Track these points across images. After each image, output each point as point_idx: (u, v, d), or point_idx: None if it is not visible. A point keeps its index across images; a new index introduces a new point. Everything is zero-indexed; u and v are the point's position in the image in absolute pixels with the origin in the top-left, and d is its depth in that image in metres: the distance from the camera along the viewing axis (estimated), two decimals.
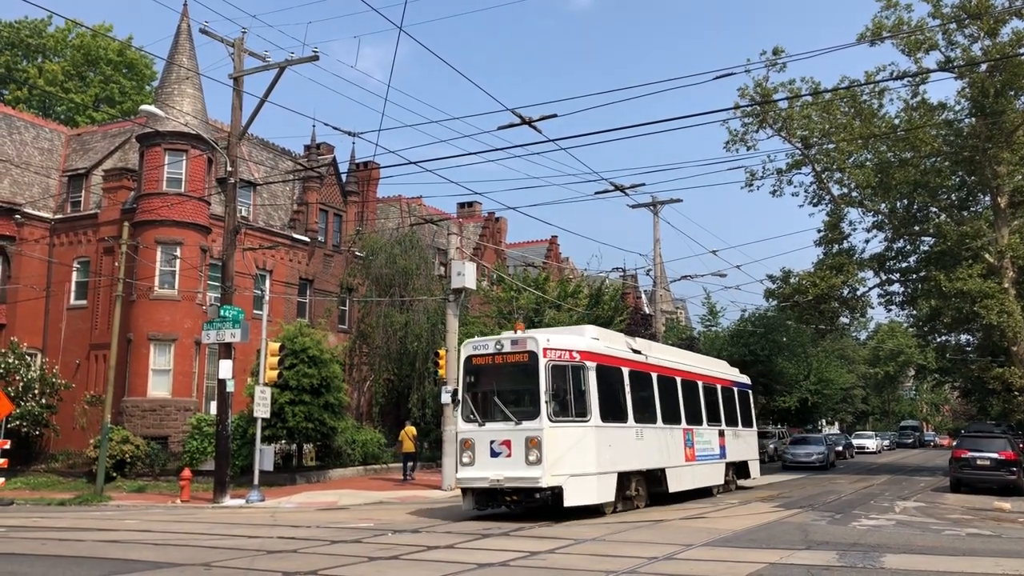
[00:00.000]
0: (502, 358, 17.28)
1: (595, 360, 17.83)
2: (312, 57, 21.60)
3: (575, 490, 16.66)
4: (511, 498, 17.05)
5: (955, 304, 34.63)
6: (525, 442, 16.42)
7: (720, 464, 24.54)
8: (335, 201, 40.60)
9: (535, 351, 16.86)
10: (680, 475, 21.24)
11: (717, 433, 24.47)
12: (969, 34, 33.61)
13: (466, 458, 17.15)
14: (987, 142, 33.03)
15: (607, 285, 40.29)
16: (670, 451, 20.82)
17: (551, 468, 16.31)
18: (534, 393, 16.79)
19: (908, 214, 38.64)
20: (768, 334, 48.35)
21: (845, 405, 73.35)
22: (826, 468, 39.26)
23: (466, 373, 17.92)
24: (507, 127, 17.74)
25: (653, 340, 38.21)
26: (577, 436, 16.88)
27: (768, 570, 11.05)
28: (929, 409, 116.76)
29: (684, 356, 25.05)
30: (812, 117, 36.19)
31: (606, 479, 17.59)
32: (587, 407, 17.22)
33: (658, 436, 20.37)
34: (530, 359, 16.87)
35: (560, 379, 16.95)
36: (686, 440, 21.88)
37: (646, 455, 19.65)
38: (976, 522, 18.00)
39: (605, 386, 18.05)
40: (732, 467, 25.81)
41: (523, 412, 16.92)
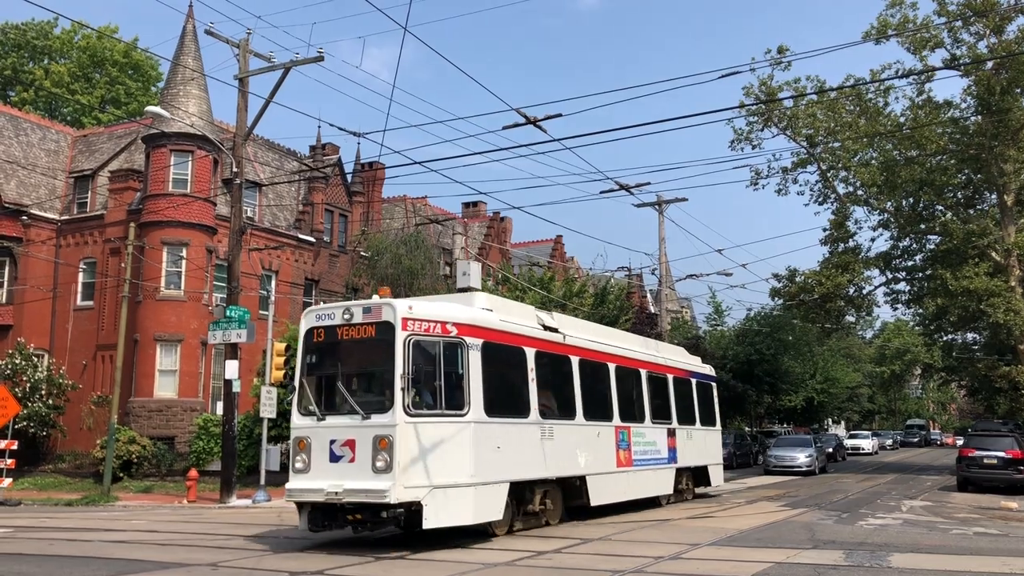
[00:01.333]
0: (351, 331, 13.54)
1: (481, 336, 14.05)
2: (317, 58, 21.63)
3: (440, 507, 12.81)
4: (354, 516, 12.94)
5: (961, 302, 34.52)
6: (373, 442, 12.60)
7: (668, 469, 20.76)
8: (340, 201, 40.64)
9: (391, 322, 13.07)
10: (608, 484, 17.62)
11: (665, 432, 20.72)
12: (975, 31, 33.52)
13: (299, 462, 13.33)
14: (993, 140, 32.92)
15: (612, 284, 40.26)
16: (594, 454, 17.17)
17: (405, 477, 12.45)
18: (388, 378, 13.01)
19: (914, 212, 38.54)
20: (774, 333, 48.27)
21: (851, 404, 73.20)
22: (815, 474, 34.79)
23: (306, 352, 14.12)
24: (512, 127, 17.73)
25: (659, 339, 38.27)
26: (446, 435, 13.08)
27: (775, 569, 11.05)
28: (936, 408, 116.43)
29: (625, 339, 21.18)
30: (817, 115, 36.12)
31: (490, 491, 13.71)
32: (464, 397, 13.41)
33: (576, 435, 16.65)
34: (384, 332, 13.12)
35: (425, 359, 13.19)
36: (619, 441, 18.19)
37: (557, 459, 15.84)
38: (983, 521, 17.96)
39: (496, 370, 14.41)
40: (687, 473, 22.18)
41: (373, 403, 13.21)
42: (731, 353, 47.12)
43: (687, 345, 41.10)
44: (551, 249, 55.89)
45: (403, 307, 13.30)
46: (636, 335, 24.44)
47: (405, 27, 13.88)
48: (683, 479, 21.84)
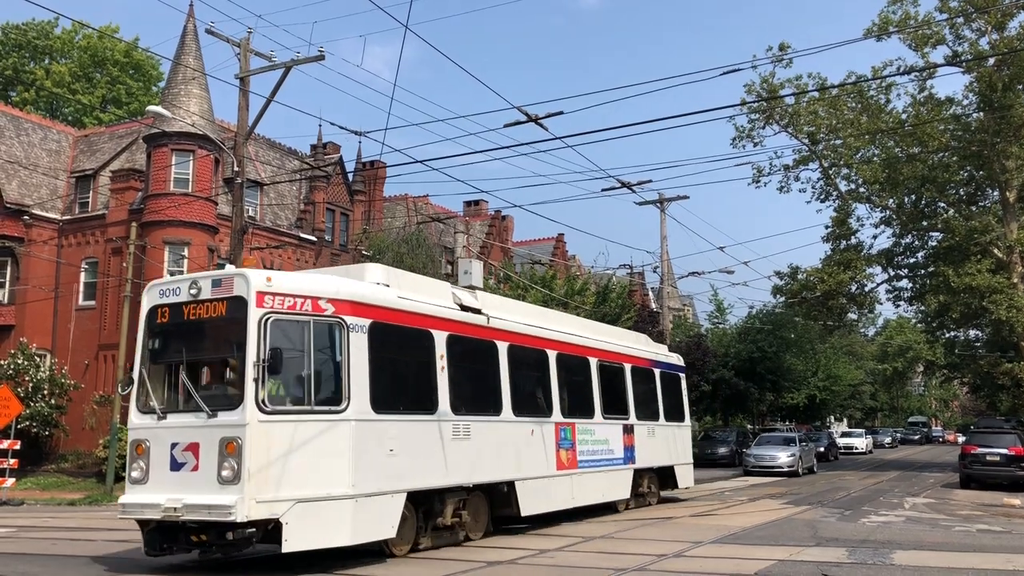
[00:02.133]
0: (198, 309, 11.08)
1: (369, 315, 11.66)
2: (318, 57, 21.61)
3: (307, 525, 10.55)
4: (198, 537, 10.61)
5: (964, 299, 34.49)
6: (219, 446, 10.34)
7: (624, 471, 18.41)
8: (342, 200, 40.65)
9: (244, 297, 10.73)
10: (546, 489, 15.36)
11: (621, 429, 18.37)
12: (976, 28, 33.48)
13: (136, 471, 11.08)
14: (995, 137, 32.88)
15: (614, 282, 40.25)
16: (527, 455, 14.81)
17: (257, 489, 10.18)
18: (239, 366, 10.76)
19: (916, 209, 38.50)
20: (776, 331, 48.24)
21: (853, 401, 73.14)
22: (798, 475, 32.16)
23: (148, 335, 11.69)
24: (513, 124, 17.71)
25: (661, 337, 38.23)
26: (317, 436, 10.83)
27: (777, 567, 11.04)
28: (938, 405, 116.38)
29: (573, 324, 18.81)
30: (819, 113, 36.08)
31: (378, 504, 11.35)
32: (342, 389, 11.12)
33: (502, 434, 14.28)
34: (236, 310, 10.77)
35: (290, 343, 10.89)
36: (561, 439, 15.95)
37: (476, 463, 13.41)
38: (986, 518, 17.95)
39: (391, 357, 12.21)
40: (649, 474, 19.91)
41: (221, 398, 10.90)
42: (733, 351, 47.09)
43: (689, 343, 41.12)
44: (553, 247, 55.90)
45: (259, 278, 10.94)
46: (588, 320, 21.71)
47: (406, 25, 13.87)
48: (644, 481, 19.55)
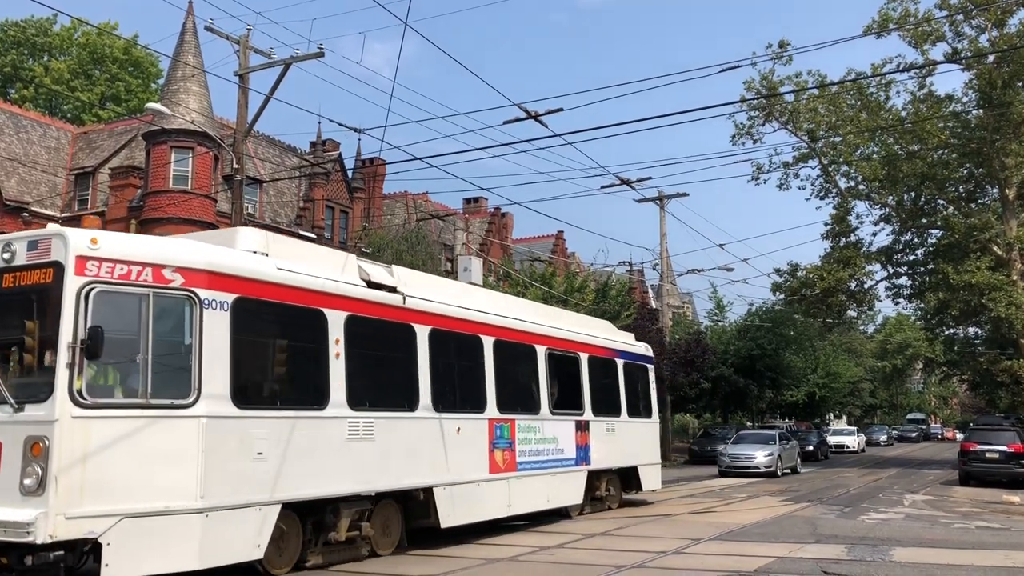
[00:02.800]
0: (12, 278, 8.96)
1: (233, 289, 9.56)
2: (317, 54, 21.60)
3: (138, 547, 8.45)
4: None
5: (963, 297, 34.50)
6: (24, 448, 8.27)
7: (577, 473, 16.31)
8: (341, 197, 40.64)
9: (61, 262, 8.62)
10: (475, 496, 13.12)
11: (573, 426, 16.26)
12: (976, 25, 33.47)
13: None
14: (995, 134, 32.89)
15: (614, 280, 40.27)
16: (449, 457, 12.51)
17: (68, 501, 8.12)
18: (51, 347, 8.55)
19: (915, 207, 38.52)
20: (775, 328, 48.25)
21: (853, 399, 73.17)
22: (776, 476, 29.40)
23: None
24: (513, 121, 17.72)
25: (660, 335, 38.23)
26: (151, 435, 8.74)
27: (777, 564, 11.05)
28: (937, 402, 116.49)
29: (516, 306, 16.55)
30: (819, 110, 36.08)
31: (239, 519, 9.30)
32: (190, 379, 9.06)
33: (418, 432, 12.03)
34: (51, 279, 8.65)
35: (121, 320, 8.85)
36: (496, 438, 13.81)
37: (380, 466, 11.23)
38: (985, 515, 17.97)
39: (265, 341, 10.28)
40: (608, 476, 17.82)
41: (31, 387, 8.61)
42: (733, 348, 47.10)
43: (689, 340, 41.12)
44: (552, 245, 55.94)
45: (80, 240, 8.70)
46: (539, 304, 19.99)
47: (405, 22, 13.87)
48: (602, 484, 17.60)
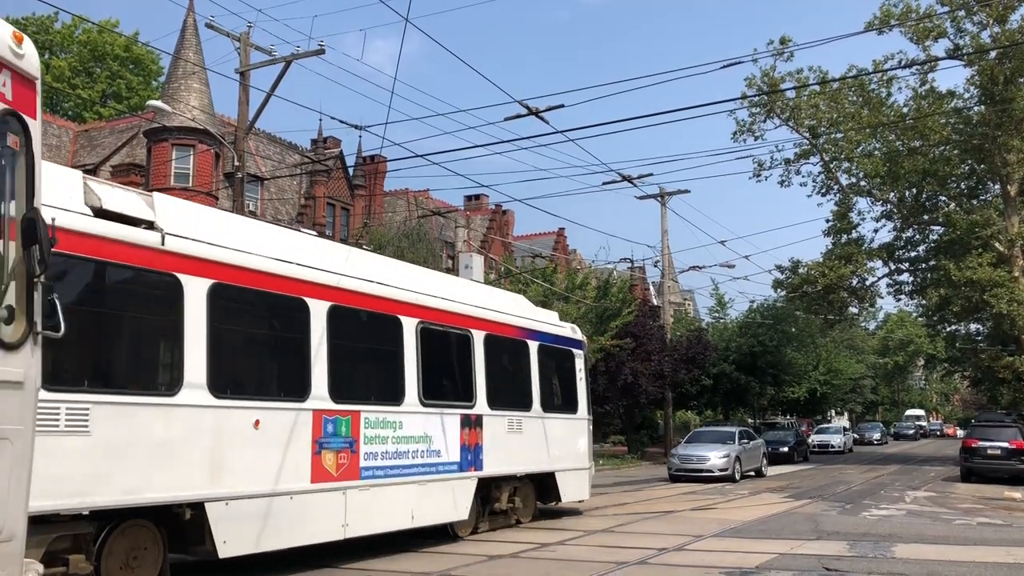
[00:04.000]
0: None
1: None
2: (318, 51, 21.60)
3: None
4: None
5: (965, 293, 34.46)
6: None
7: (461, 481, 12.84)
8: (342, 195, 40.63)
9: None
10: (278, 515, 9.73)
11: (457, 422, 12.85)
12: (978, 21, 33.39)
13: None
14: (996, 130, 32.84)
15: (615, 277, 40.26)
16: (234, 460, 9.25)
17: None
18: None
19: (917, 203, 38.48)
20: (777, 325, 48.26)
21: (854, 395, 73.18)
22: (734, 480, 26.03)
23: None
24: (514, 118, 17.73)
25: (661, 332, 38.19)
26: None
27: (778, 560, 11.06)
28: (939, 399, 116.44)
29: (378, 265, 12.94)
30: (820, 106, 36.03)
31: None
32: None
33: (176, 426, 8.72)
34: None
35: None
36: (325, 436, 10.48)
37: (101, 474, 7.91)
38: (987, 511, 17.96)
39: None
40: (512, 485, 14.45)
41: None
42: (734, 345, 47.12)
43: (690, 337, 41.08)
44: (554, 242, 55.90)
45: None
46: (415, 266, 15.23)
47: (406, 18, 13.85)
48: (503, 494, 14.20)
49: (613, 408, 38.68)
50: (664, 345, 36.67)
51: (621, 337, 32.20)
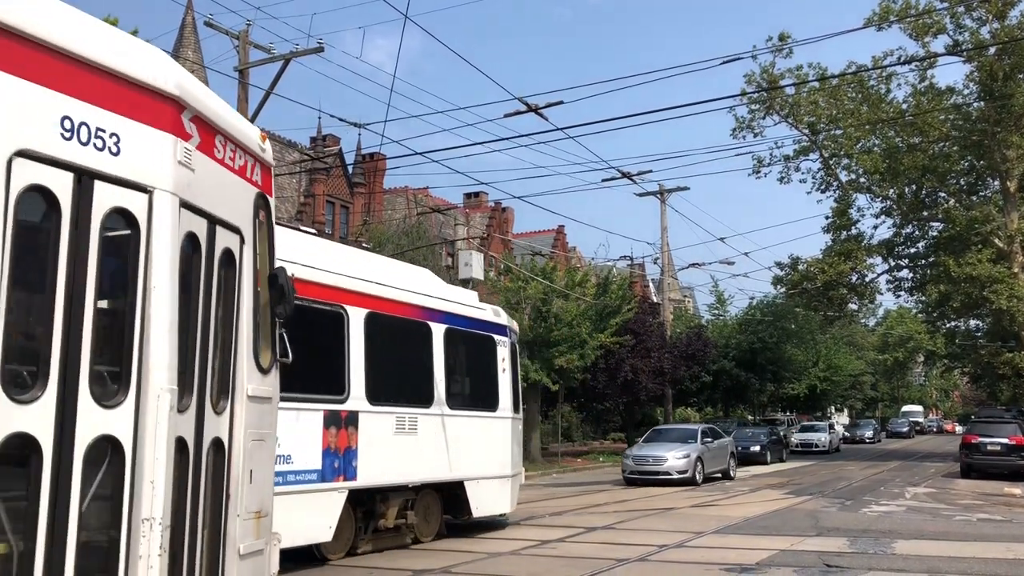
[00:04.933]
0: None
1: None
2: (317, 49, 21.58)
3: None
4: None
5: (964, 289, 34.47)
6: None
7: (319, 495, 10.35)
8: (342, 193, 40.63)
9: None
10: None
11: (319, 420, 10.42)
12: (977, 17, 33.39)
13: None
14: (996, 126, 32.82)
15: (615, 274, 40.28)
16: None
17: None
18: None
19: (917, 199, 38.47)
20: (776, 321, 48.27)
21: (854, 392, 73.23)
22: (696, 483, 23.51)
23: None
24: (513, 115, 17.74)
25: (661, 329, 38.16)
26: None
27: (779, 556, 11.07)
28: (939, 395, 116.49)
29: None
30: (819, 103, 36.02)
31: None
32: None
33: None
34: None
35: None
36: None
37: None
38: (987, 507, 17.99)
39: None
40: (405, 497, 12.09)
41: None
42: (734, 342, 47.11)
43: (690, 334, 41.08)
44: (553, 239, 55.85)
45: None
46: None
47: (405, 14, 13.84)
48: (390, 509, 11.75)
49: (613, 405, 38.71)
50: (664, 342, 36.68)
51: (621, 334, 32.21)
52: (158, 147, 4.44)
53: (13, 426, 3.70)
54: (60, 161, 3.96)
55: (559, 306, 34.68)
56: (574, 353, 29.92)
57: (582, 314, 31.29)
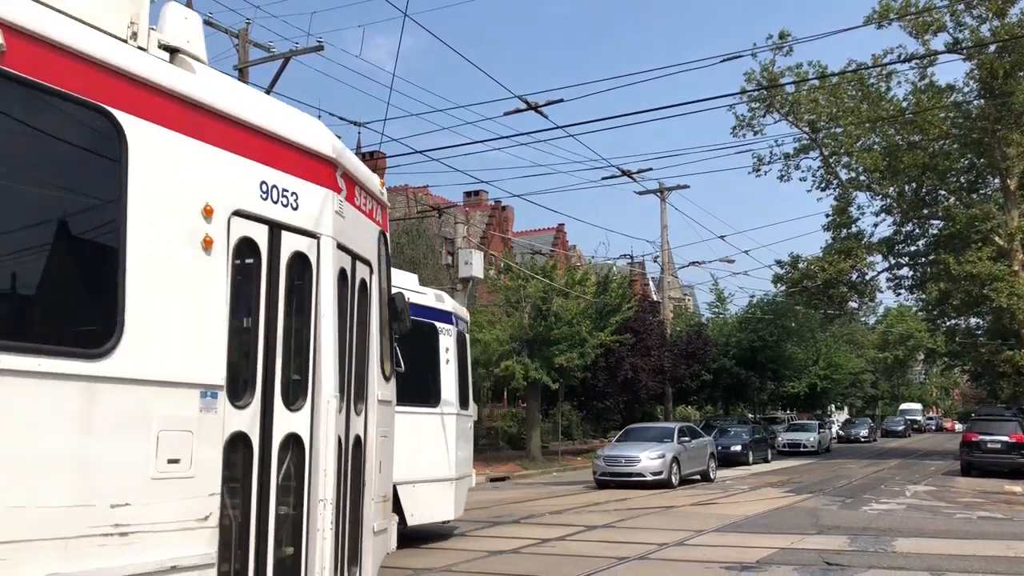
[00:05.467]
0: None
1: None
2: (317, 47, 21.59)
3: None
4: None
5: (964, 287, 34.45)
6: None
7: None
8: None
9: None
10: None
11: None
12: (977, 15, 33.33)
13: None
14: (996, 124, 32.79)
15: (615, 272, 40.27)
16: None
17: None
18: None
19: (917, 197, 38.45)
20: (776, 319, 48.25)
21: (854, 390, 73.21)
22: (671, 486, 22.14)
23: None
24: (513, 112, 17.73)
25: (661, 327, 38.11)
26: None
27: (779, 555, 11.07)
28: (939, 393, 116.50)
29: None
30: (819, 101, 35.98)
31: None
32: None
33: None
34: None
35: None
36: None
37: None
38: (987, 505, 17.98)
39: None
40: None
41: None
42: (734, 340, 47.10)
43: (690, 332, 41.06)
44: (553, 237, 55.82)
45: None
46: None
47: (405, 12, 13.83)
48: None
49: (613, 403, 38.69)
50: (664, 340, 36.67)
51: (621, 333, 32.20)
52: (321, 201, 5.57)
53: (233, 425, 4.85)
54: (261, 217, 5.12)
55: (559, 304, 34.70)
56: (574, 352, 29.90)
57: (582, 313, 31.27)
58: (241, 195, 4.98)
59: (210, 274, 4.78)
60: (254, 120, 5.19)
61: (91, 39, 4.34)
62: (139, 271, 4.40)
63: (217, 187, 4.86)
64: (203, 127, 4.81)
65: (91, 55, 4.30)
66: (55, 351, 4.03)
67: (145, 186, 4.46)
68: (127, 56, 4.54)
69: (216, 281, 4.80)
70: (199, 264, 4.73)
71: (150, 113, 4.53)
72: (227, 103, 5.03)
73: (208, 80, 5.07)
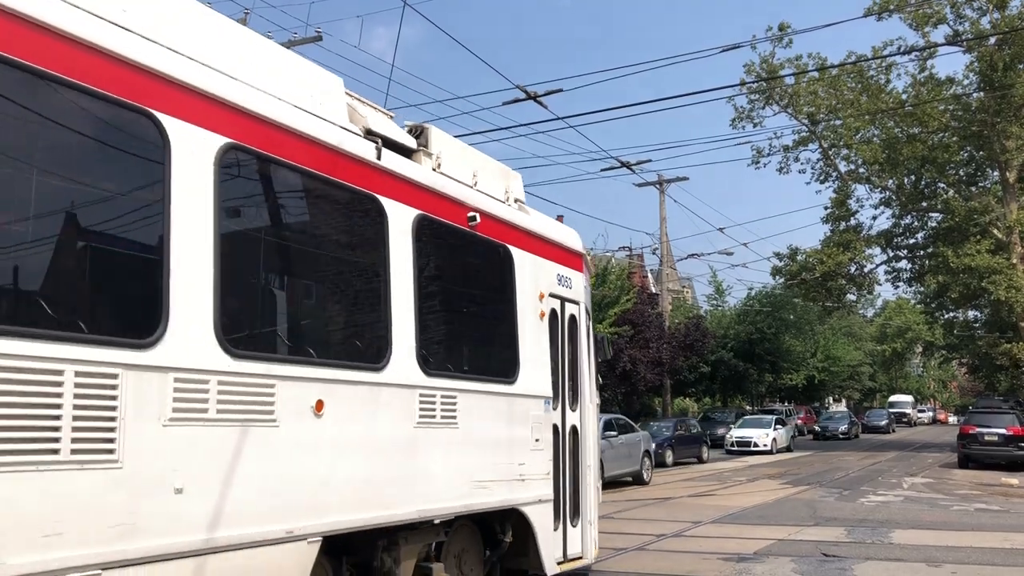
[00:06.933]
0: None
1: None
2: (315, 38, 21.48)
3: None
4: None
5: (963, 280, 34.47)
6: None
7: None
8: None
9: None
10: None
11: None
12: (977, 7, 33.25)
13: None
14: (996, 116, 32.75)
15: (613, 264, 40.24)
16: None
17: None
18: None
19: (916, 190, 38.43)
20: (775, 312, 48.27)
21: (852, 382, 73.25)
22: (645, 483, 21.47)
23: None
24: (512, 103, 17.66)
25: (660, 319, 38.13)
26: None
27: (777, 546, 11.09)
28: (937, 386, 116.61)
29: None
30: (819, 93, 35.94)
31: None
32: None
33: None
34: None
35: None
36: None
37: None
38: (984, 497, 18.03)
39: None
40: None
41: None
42: (732, 332, 47.13)
43: (688, 324, 41.04)
44: None
45: None
46: None
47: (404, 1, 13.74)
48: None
49: (611, 395, 38.71)
50: (662, 332, 36.65)
51: (619, 324, 32.21)
52: (579, 281, 8.89)
53: (552, 419, 8.06)
54: (558, 295, 8.36)
55: None
56: None
57: None
58: (551, 284, 8.27)
59: (542, 331, 7.99)
60: (554, 236, 8.54)
61: (499, 208, 7.67)
62: (523, 332, 7.67)
63: (543, 281, 8.11)
64: (538, 247, 8.08)
65: (499, 216, 7.56)
66: (499, 380, 7.33)
67: (520, 285, 7.71)
68: (514, 212, 7.96)
69: (544, 335, 8.01)
70: (539, 326, 7.95)
71: (522, 244, 7.84)
72: (542, 228, 8.33)
73: (535, 217, 8.40)
